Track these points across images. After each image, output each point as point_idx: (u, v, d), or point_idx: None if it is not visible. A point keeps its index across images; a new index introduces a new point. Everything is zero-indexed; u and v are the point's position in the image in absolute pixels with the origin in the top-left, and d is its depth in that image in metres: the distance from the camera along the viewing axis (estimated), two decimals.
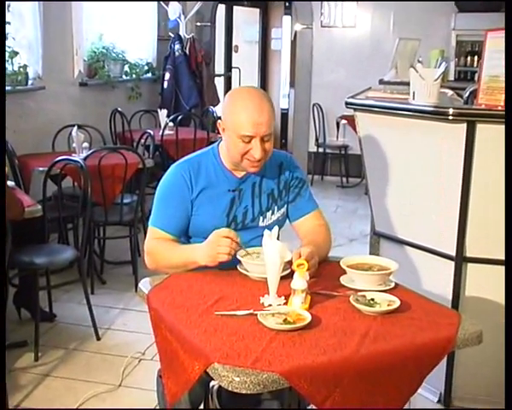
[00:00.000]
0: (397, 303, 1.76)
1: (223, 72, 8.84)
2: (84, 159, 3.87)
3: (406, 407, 1.64)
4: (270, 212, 2.21)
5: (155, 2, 6.91)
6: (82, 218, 3.69)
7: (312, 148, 8.22)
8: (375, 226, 3.16)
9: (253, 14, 9.46)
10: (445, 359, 1.67)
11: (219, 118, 2.13)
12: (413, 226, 2.90)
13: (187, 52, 7.13)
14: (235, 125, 2.02)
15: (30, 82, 4.99)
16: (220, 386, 1.60)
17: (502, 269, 2.31)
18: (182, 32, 7.11)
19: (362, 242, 5.31)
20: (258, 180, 2.19)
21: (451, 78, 7.48)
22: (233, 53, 9.24)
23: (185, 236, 2.20)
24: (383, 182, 2.97)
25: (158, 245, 2.11)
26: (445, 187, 2.67)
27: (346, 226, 5.99)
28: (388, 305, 1.75)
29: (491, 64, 2.45)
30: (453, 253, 2.68)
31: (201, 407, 2.16)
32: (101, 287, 4.30)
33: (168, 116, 5.95)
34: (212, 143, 2.27)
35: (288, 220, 2.28)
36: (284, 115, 10.00)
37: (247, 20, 9.59)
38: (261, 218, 2.19)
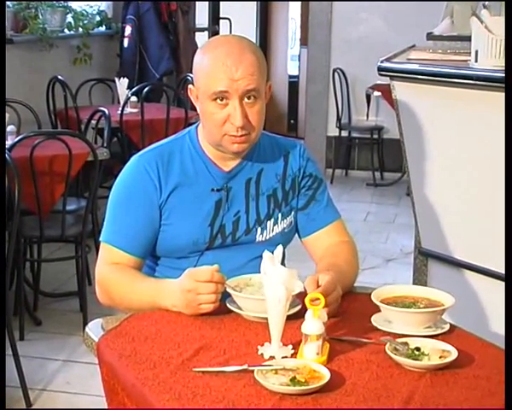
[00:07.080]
0: (453, 354, 1.74)
1: (207, 24, 8.85)
2: (10, 148, 3.86)
3: None
4: (272, 221, 2.22)
5: None
6: (7, 232, 3.67)
7: (333, 131, 8.23)
8: (420, 241, 3.16)
9: None
10: None
11: (192, 83, 2.15)
12: (476, 243, 2.90)
13: None
14: (207, 81, 2.06)
15: None
16: None
17: None
18: None
19: (403, 263, 5.31)
20: (254, 176, 2.21)
21: None
22: None
23: (152, 256, 2.20)
24: (432, 179, 2.96)
25: (112, 274, 2.11)
26: None
27: (380, 241, 6.01)
28: (441, 357, 1.74)
29: None
30: None
31: None
32: (34, 330, 4.28)
33: (130, 88, 5.97)
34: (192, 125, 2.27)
35: (297, 234, 2.29)
36: (293, 85, 10.05)
37: None
38: (259, 230, 2.20)
